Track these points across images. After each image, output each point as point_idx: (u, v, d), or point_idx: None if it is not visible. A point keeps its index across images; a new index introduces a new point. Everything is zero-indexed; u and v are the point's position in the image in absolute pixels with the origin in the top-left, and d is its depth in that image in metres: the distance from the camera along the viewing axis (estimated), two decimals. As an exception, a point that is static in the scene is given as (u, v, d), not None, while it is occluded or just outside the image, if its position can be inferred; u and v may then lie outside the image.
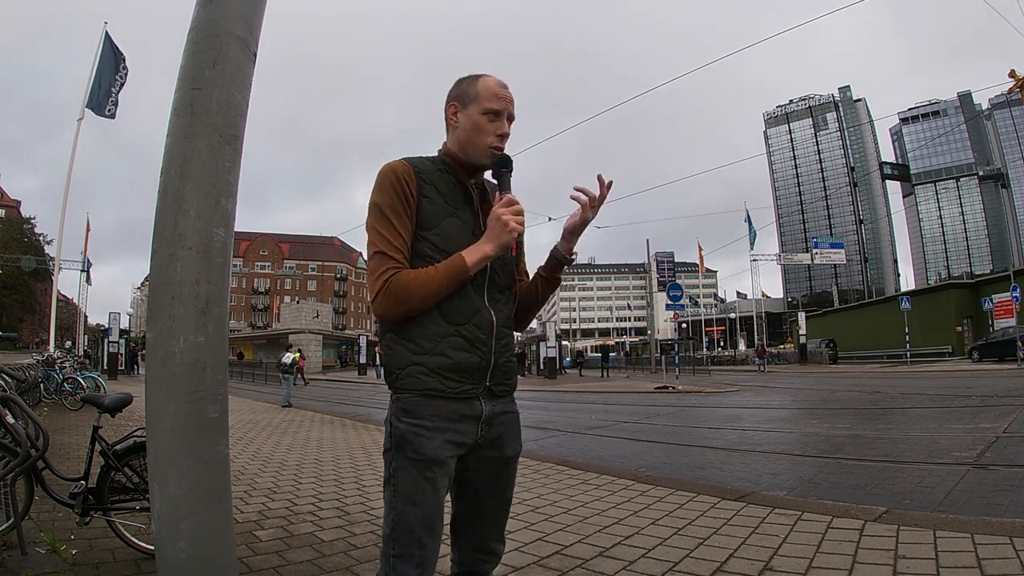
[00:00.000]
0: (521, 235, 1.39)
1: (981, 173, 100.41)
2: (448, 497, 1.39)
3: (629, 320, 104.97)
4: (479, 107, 1.40)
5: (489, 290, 1.41)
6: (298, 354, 29.32)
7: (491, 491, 1.45)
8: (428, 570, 1.33)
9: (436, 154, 1.46)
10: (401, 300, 1.30)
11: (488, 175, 1.47)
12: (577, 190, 1.47)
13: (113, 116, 16.15)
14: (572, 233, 1.50)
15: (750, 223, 39.59)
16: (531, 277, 1.58)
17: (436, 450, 1.31)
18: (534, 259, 1.59)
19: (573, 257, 1.53)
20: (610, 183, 1.46)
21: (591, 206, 1.47)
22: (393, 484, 1.32)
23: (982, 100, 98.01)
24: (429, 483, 1.30)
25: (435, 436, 1.31)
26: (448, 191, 1.41)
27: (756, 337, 45.82)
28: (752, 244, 39.96)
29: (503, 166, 1.40)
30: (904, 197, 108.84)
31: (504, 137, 1.42)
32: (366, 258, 1.38)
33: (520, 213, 1.36)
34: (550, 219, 31.25)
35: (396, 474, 1.32)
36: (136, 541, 2.72)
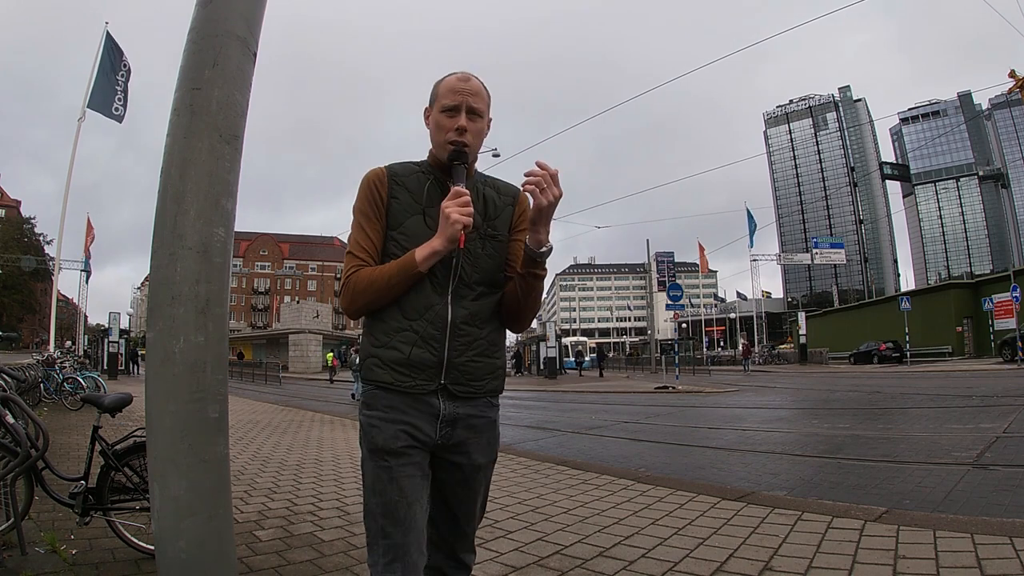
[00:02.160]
0: (468, 227, 1.32)
1: (981, 173, 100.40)
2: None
3: (629, 320, 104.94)
4: (439, 106, 1.42)
5: (456, 286, 1.39)
6: (331, 354, 29.38)
7: (459, 499, 1.46)
8: (400, 563, 1.30)
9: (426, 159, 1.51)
10: (356, 295, 1.37)
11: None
12: (527, 175, 1.34)
13: (120, 119, 16.13)
14: (536, 223, 1.36)
15: (750, 221, 39.55)
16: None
17: (388, 440, 1.35)
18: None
19: (545, 249, 1.38)
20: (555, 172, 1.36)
21: (545, 187, 1.32)
22: (362, 474, 1.41)
23: (982, 100, 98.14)
24: (385, 472, 1.34)
25: (387, 427, 1.36)
26: (418, 190, 1.42)
27: (756, 337, 45.79)
28: (751, 241, 39.95)
29: (454, 159, 1.39)
30: (904, 197, 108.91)
31: (461, 131, 1.40)
32: None
33: (466, 204, 1.32)
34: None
35: (362, 464, 1.41)
36: (136, 541, 2.72)
